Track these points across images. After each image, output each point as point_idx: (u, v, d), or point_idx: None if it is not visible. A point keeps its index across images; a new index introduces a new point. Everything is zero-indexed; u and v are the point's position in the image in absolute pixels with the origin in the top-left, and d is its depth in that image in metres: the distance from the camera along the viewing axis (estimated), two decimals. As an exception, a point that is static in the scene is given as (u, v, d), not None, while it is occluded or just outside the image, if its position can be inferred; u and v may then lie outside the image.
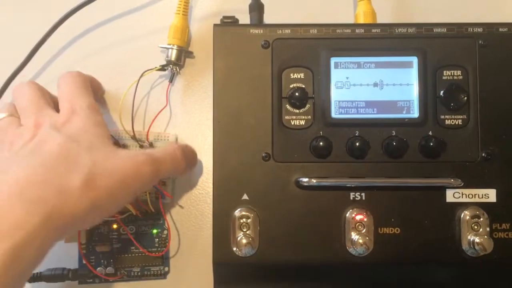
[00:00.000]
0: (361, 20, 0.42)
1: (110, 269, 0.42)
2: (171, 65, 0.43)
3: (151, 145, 0.42)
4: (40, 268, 0.42)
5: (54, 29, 0.43)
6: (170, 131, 0.44)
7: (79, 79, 0.38)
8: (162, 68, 0.43)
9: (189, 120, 0.44)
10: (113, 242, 0.42)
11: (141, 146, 0.42)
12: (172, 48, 0.43)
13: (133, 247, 0.42)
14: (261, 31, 0.39)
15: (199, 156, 0.44)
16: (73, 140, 0.33)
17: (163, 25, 0.44)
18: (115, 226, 0.42)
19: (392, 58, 0.39)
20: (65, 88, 0.38)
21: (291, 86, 0.39)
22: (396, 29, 0.39)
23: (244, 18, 0.41)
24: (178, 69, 0.43)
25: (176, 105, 0.44)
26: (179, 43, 0.43)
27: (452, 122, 0.39)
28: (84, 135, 0.34)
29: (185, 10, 0.43)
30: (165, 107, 0.43)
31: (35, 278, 0.41)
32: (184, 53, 0.43)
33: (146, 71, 0.42)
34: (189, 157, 0.40)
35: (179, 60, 0.43)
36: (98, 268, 0.42)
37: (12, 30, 0.46)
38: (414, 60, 0.39)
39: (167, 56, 0.43)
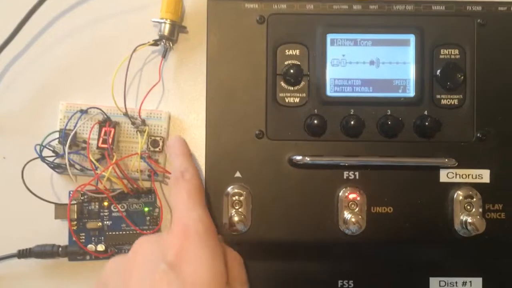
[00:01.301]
0: (359, -4, 0.41)
1: (100, 246, 0.41)
2: (164, 40, 0.42)
3: (143, 122, 0.42)
4: (30, 244, 0.41)
5: (42, 1, 0.41)
6: (162, 107, 0.43)
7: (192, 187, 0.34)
8: (155, 43, 0.42)
9: (182, 96, 0.43)
10: (104, 219, 0.42)
11: (133, 123, 0.41)
12: (165, 23, 0.42)
13: (124, 225, 0.42)
14: (256, 5, 0.38)
15: (192, 133, 0.43)
16: None
17: (155, -1, 0.43)
18: (106, 203, 0.42)
19: (389, 35, 0.38)
20: (175, 191, 0.34)
21: (286, 62, 0.38)
22: (394, 6, 0.39)
23: (239, -8, 0.40)
24: (171, 44, 0.42)
25: (168, 81, 0.43)
26: (172, 17, 0.42)
27: (448, 101, 0.38)
28: (202, 277, 0.30)
29: (179, -16, 0.42)
30: (157, 83, 0.42)
31: (25, 254, 0.41)
32: (177, 27, 0.42)
33: (138, 46, 0.41)
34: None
35: (172, 35, 0.42)
36: (89, 245, 0.41)
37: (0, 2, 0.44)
38: (412, 38, 0.38)
39: (160, 31, 0.42)
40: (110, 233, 0.42)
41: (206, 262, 0.31)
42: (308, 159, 0.37)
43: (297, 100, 0.38)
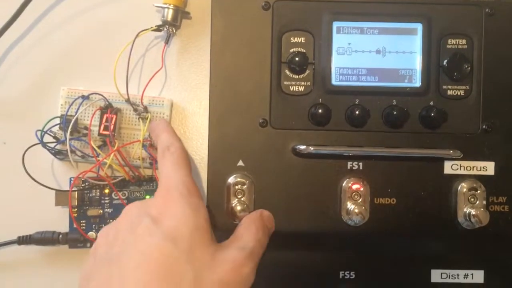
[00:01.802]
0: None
1: (101, 234, 0.41)
2: (167, 26, 0.41)
3: (145, 109, 0.41)
4: (30, 231, 0.41)
5: (44, -16, 0.41)
6: (165, 94, 0.43)
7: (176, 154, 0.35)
8: (158, 28, 0.41)
9: (184, 83, 0.43)
10: (104, 206, 0.42)
11: (135, 110, 0.41)
12: (168, 8, 0.41)
13: (125, 212, 0.41)
14: (262, -9, 0.37)
15: (194, 121, 0.43)
16: (171, 241, 0.30)
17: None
18: (107, 190, 0.42)
19: (396, 24, 0.38)
20: (161, 164, 0.35)
21: (291, 50, 0.38)
22: (401, -6, 0.38)
23: (244, -22, 0.39)
24: (174, 30, 0.42)
25: (171, 68, 0.43)
26: (176, 2, 0.41)
27: (454, 92, 0.38)
28: (182, 230, 0.31)
29: (183, -32, 0.42)
30: (160, 69, 0.42)
31: (25, 241, 0.41)
32: (180, 13, 0.42)
33: (141, 31, 0.40)
34: (270, 226, 0.37)
35: (175, 21, 0.41)
36: (89, 233, 0.41)
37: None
38: (419, 27, 0.37)
39: (163, 16, 0.41)
40: (111, 220, 0.42)
41: (187, 218, 0.31)
42: (312, 148, 0.37)
43: (301, 88, 0.38)
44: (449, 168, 0.38)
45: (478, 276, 0.39)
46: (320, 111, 0.37)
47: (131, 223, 0.32)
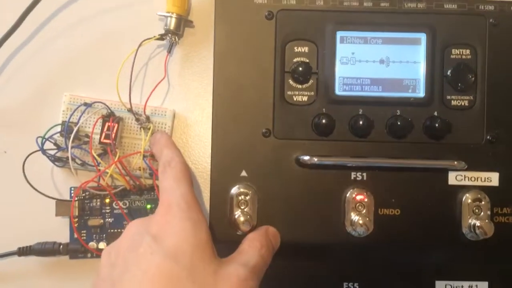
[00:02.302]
0: (369, -7, 0.41)
1: (102, 244, 0.41)
2: (169, 34, 0.41)
3: (147, 119, 0.41)
4: (30, 242, 0.41)
5: (46, -8, 0.40)
6: (167, 103, 0.42)
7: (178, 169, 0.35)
8: (161, 37, 0.41)
9: (187, 92, 0.43)
10: (105, 216, 0.41)
11: (137, 120, 0.41)
12: (171, 16, 0.41)
13: (126, 222, 0.41)
14: (265, 1, 0.37)
15: (197, 130, 0.42)
16: (172, 258, 0.30)
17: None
18: (107, 200, 0.41)
19: (400, 34, 0.38)
20: (162, 179, 0.35)
21: (295, 60, 0.38)
22: (405, 4, 0.38)
23: (247, -13, 0.39)
24: (177, 39, 0.41)
25: (173, 76, 0.43)
26: (178, 11, 0.41)
27: (458, 103, 0.38)
28: (183, 247, 0.31)
29: (186, -23, 0.41)
30: (163, 79, 0.41)
31: (25, 252, 0.40)
32: (183, 21, 0.41)
33: (144, 40, 0.40)
34: (275, 242, 0.36)
35: (178, 29, 0.41)
36: (90, 243, 0.41)
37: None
38: (423, 37, 0.37)
39: (166, 25, 0.41)
40: (112, 230, 0.41)
41: (188, 234, 0.31)
42: (316, 159, 0.36)
43: (305, 98, 0.38)
44: (453, 179, 0.37)
45: (482, 287, 0.38)
46: (323, 121, 0.37)
47: (132, 242, 0.32)
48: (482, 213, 0.37)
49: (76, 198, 0.41)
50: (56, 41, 0.43)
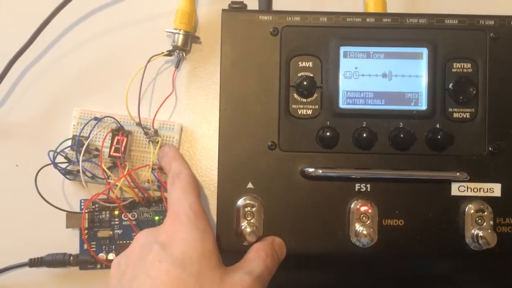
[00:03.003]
0: (371, 8, 0.42)
1: (111, 255, 0.41)
2: (177, 50, 0.42)
3: (156, 132, 0.42)
4: (41, 253, 0.42)
5: (58, 10, 0.42)
6: (175, 117, 0.43)
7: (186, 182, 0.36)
8: (169, 53, 0.42)
9: (194, 106, 0.44)
10: (114, 227, 0.42)
11: (146, 133, 0.42)
12: (178, 33, 0.42)
13: (135, 234, 0.42)
14: (270, 17, 0.38)
15: (204, 143, 0.43)
16: (180, 266, 0.31)
17: (169, 9, 0.43)
18: (116, 212, 0.42)
19: (402, 48, 0.38)
20: (171, 190, 0.36)
21: (299, 74, 0.38)
22: (407, 19, 0.39)
23: (253, 3, 0.41)
24: (184, 55, 0.43)
25: (181, 91, 0.44)
26: (186, 28, 0.42)
27: (460, 115, 0.38)
28: (191, 255, 0.32)
29: (193, -6, 0.43)
30: (170, 94, 0.42)
31: (36, 263, 0.41)
32: (190, 38, 0.43)
33: (152, 56, 0.41)
34: (280, 253, 0.37)
35: (185, 45, 0.42)
36: (100, 254, 0.41)
37: (16, 10, 0.45)
38: (424, 51, 0.38)
39: (174, 41, 0.42)
40: (121, 241, 0.42)
41: (195, 242, 0.32)
42: (320, 171, 0.37)
43: (309, 112, 0.38)
44: (456, 189, 0.38)
45: (486, 297, 0.39)
46: (328, 134, 0.38)
47: (141, 250, 0.33)
48: (485, 223, 0.37)
49: (86, 210, 0.42)
50: (67, 58, 0.44)
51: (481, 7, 0.44)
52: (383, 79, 0.38)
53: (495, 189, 0.38)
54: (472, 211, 0.38)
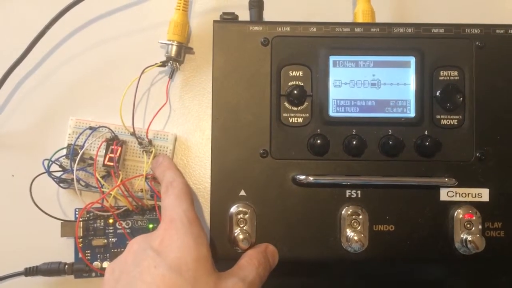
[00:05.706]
0: (360, 18, 0.43)
1: (106, 263, 0.42)
2: (171, 61, 0.43)
3: (150, 142, 0.42)
4: (37, 262, 0.42)
5: (53, 21, 0.42)
6: (168, 125, 0.44)
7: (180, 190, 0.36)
8: (163, 64, 0.43)
9: (187, 115, 0.44)
10: (109, 236, 0.42)
11: (140, 143, 0.42)
12: (172, 44, 0.43)
13: (129, 241, 0.42)
14: (261, 28, 0.39)
15: (197, 151, 0.44)
16: (175, 271, 0.31)
17: (162, 20, 0.44)
18: (111, 220, 0.43)
19: (390, 57, 0.39)
20: (164, 197, 0.36)
21: (290, 83, 0.39)
22: (394, 29, 0.39)
23: (244, 14, 0.41)
24: (178, 65, 0.43)
25: (174, 101, 0.44)
26: (179, 39, 0.43)
27: (448, 122, 0.39)
28: (186, 260, 0.32)
29: (185, 6, 0.43)
30: (164, 104, 0.43)
31: (32, 272, 0.41)
32: (184, 49, 0.43)
33: (146, 67, 0.42)
34: (272, 261, 0.37)
35: (179, 56, 0.43)
36: (94, 263, 0.42)
37: (12, 22, 0.45)
38: (412, 60, 0.39)
39: (167, 52, 0.43)
40: (115, 250, 0.42)
41: (190, 248, 0.32)
42: (311, 178, 0.38)
43: (300, 120, 0.39)
44: (445, 195, 0.39)
45: (476, 301, 0.39)
46: (318, 141, 0.38)
47: (135, 256, 0.33)
48: (473, 228, 0.38)
49: (81, 219, 0.42)
50: (62, 68, 0.45)
51: (467, 16, 0.45)
52: (372, 88, 0.39)
53: (483, 194, 0.39)
54: (461, 216, 0.38)
